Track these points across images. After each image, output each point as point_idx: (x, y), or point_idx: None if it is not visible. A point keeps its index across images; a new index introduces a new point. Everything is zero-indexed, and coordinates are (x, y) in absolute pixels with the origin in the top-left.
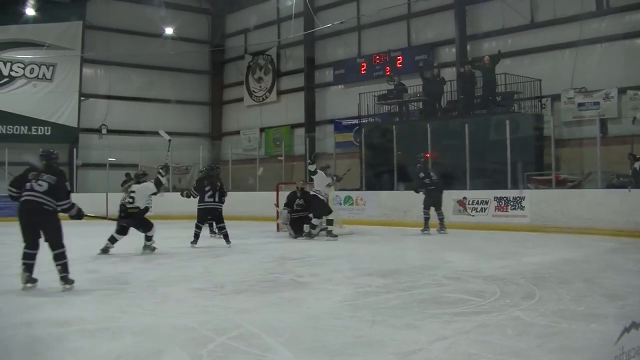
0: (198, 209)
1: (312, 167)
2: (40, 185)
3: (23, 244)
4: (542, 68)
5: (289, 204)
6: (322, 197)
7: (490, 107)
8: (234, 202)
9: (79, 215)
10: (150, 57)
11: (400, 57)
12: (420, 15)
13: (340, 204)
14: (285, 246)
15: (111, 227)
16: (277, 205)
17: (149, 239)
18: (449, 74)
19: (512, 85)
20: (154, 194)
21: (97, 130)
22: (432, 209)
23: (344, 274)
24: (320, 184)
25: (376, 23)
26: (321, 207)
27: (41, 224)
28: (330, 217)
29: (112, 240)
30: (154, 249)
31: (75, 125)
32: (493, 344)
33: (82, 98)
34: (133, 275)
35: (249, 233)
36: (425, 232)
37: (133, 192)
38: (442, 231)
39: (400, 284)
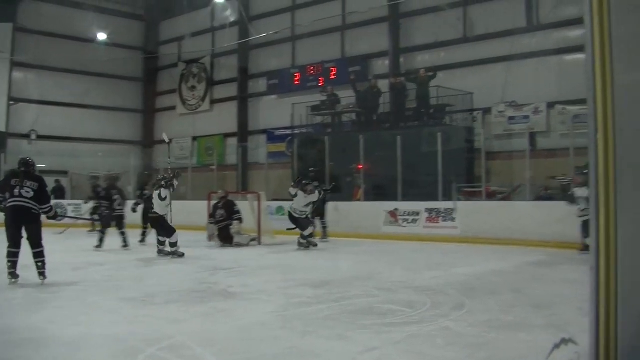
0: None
1: (292, 191)
2: (27, 192)
3: (7, 244)
4: (474, 82)
5: (212, 215)
6: (296, 215)
7: (422, 119)
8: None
9: (56, 216)
10: (83, 62)
11: (334, 68)
12: (354, 27)
13: (272, 214)
14: (217, 256)
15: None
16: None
17: (173, 245)
18: (383, 85)
19: (444, 98)
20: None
21: (27, 136)
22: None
23: (275, 285)
24: (298, 203)
25: (311, 34)
26: (301, 223)
27: (27, 226)
28: (308, 230)
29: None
30: (181, 254)
31: (3, 129)
32: (423, 354)
33: (11, 102)
34: (62, 284)
35: (180, 242)
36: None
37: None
38: (324, 240)
39: (332, 295)
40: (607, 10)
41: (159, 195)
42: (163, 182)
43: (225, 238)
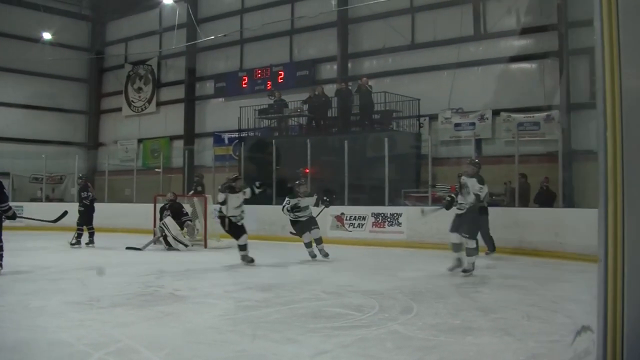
0: None
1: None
2: None
3: None
4: (421, 88)
5: (160, 217)
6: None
7: (369, 124)
8: (109, 213)
9: (14, 216)
10: (27, 62)
11: (282, 72)
12: (303, 32)
13: (217, 218)
14: (163, 259)
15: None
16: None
17: (242, 248)
18: (329, 90)
19: (391, 103)
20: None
21: None
22: None
23: (223, 288)
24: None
25: (259, 37)
26: (299, 227)
27: None
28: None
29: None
30: (250, 260)
31: None
32: (374, 357)
33: None
34: (3, 288)
35: (124, 245)
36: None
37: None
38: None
39: (280, 298)
40: (616, 13)
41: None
42: (231, 185)
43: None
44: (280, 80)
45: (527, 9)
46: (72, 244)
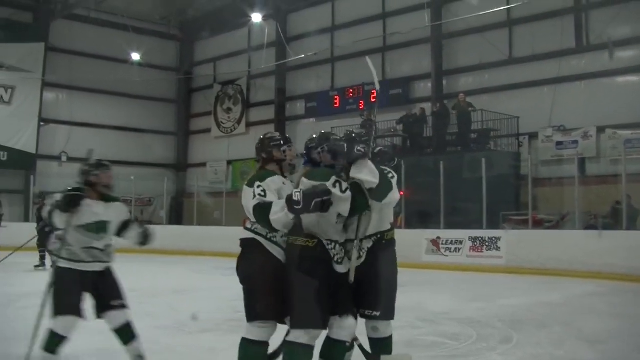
0: None
1: None
2: None
3: None
4: (520, 105)
5: None
6: None
7: (466, 144)
8: (198, 236)
9: None
10: (116, 83)
11: (374, 91)
12: (395, 49)
13: None
14: None
15: None
16: None
17: None
18: (425, 108)
19: (488, 122)
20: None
21: (57, 158)
22: None
23: None
24: None
25: (350, 55)
26: None
27: None
28: None
29: None
30: None
31: (33, 151)
32: None
33: (41, 123)
34: (89, 311)
35: (213, 269)
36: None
37: None
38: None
39: None
40: None
41: None
42: None
43: None
44: (372, 100)
45: (633, 17)
46: (36, 267)
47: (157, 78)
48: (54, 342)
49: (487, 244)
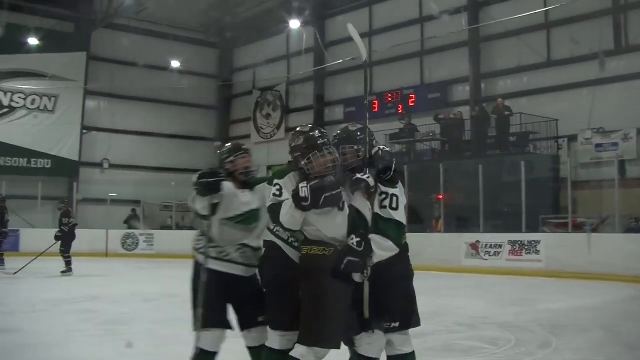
0: None
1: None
2: None
3: None
4: (559, 107)
5: None
6: None
7: (504, 147)
8: None
9: None
10: (156, 90)
11: (413, 95)
12: (433, 53)
13: None
14: None
15: None
16: None
17: None
18: (463, 113)
19: (527, 125)
20: None
21: (99, 165)
22: None
23: None
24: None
25: (388, 60)
26: None
27: None
28: None
29: None
30: None
31: (76, 158)
32: None
33: (84, 131)
34: (133, 315)
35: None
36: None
37: None
38: None
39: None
40: None
41: None
42: None
43: None
44: (411, 104)
45: None
46: (63, 272)
47: (197, 85)
48: None
49: (526, 247)
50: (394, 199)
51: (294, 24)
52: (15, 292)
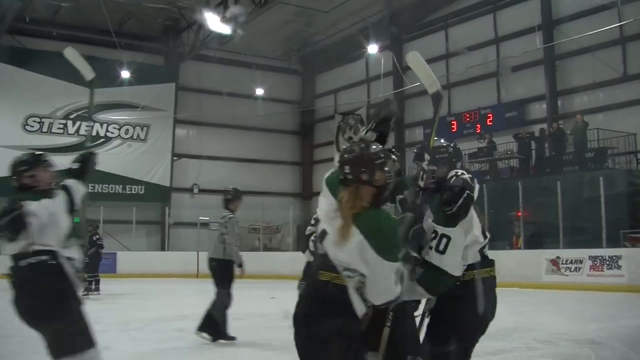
0: None
1: None
2: None
3: None
4: (637, 122)
5: None
6: None
7: (583, 163)
8: None
9: None
10: (241, 117)
11: (490, 114)
12: (509, 72)
13: None
14: None
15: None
16: None
17: None
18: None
19: (604, 140)
20: None
21: (189, 190)
22: None
23: None
24: None
25: (465, 81)
26: None
27: None
28: None
29: None
30: None
31: (167, 184)
32: None
33: (174, 158)
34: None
35: None
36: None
37: None
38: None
39: (490, 347)
40: None
41: None
42: None
43: None
44: (489, 123)
45: None
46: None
47: (281, 111)
48: None
49: (607, 262)
50: (443, 240)
51: (372, 49)
52: (111, 312)
